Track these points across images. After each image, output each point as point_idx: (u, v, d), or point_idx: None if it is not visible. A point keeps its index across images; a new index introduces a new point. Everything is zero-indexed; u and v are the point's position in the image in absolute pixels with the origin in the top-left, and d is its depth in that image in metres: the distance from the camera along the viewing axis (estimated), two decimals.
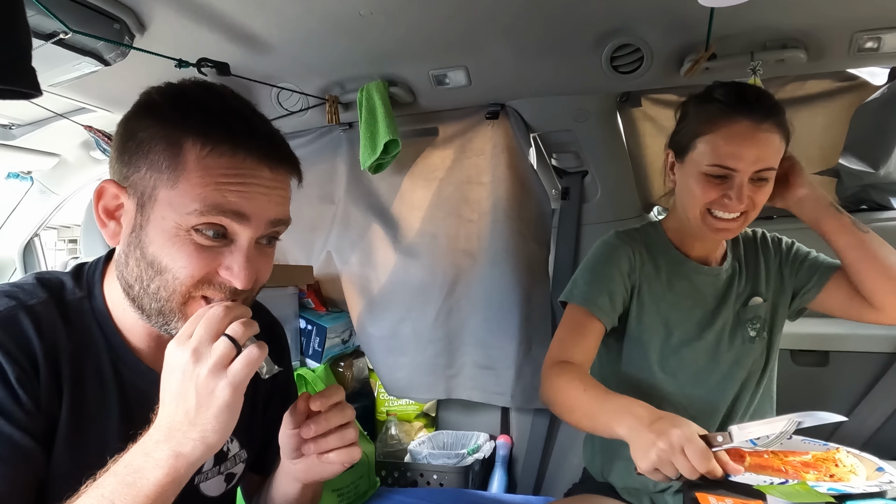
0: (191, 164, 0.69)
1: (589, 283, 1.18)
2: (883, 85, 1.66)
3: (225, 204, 0.69)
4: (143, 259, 0.71)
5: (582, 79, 1.55)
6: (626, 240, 1.23)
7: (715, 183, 1.09)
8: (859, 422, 1.61)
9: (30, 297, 0.73)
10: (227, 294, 0.72)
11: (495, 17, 1.31)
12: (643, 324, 1.19)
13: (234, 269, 0.71)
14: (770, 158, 1.07)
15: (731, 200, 1.07)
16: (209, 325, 0.64)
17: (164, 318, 0.73)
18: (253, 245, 0.73)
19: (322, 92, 1.69)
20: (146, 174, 0.70)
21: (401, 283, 1.89)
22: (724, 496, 0.76)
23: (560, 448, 1.90)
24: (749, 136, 1.05)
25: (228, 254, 0.72)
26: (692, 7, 1.04)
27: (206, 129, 0.69)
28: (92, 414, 0.73)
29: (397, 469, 1.85)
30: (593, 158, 1.79)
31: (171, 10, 1.20)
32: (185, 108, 0.71)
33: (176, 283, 0.70)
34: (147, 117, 0.72)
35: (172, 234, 0.69)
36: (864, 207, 1.78)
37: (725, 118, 1.07)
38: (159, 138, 0.70)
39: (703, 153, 1.09)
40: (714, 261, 1.24)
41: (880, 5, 1.21)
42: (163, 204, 0.69)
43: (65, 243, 7.68)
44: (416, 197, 1.87)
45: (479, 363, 1.85)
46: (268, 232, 0.75)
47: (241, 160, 0.70)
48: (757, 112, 1.05)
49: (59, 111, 1.66)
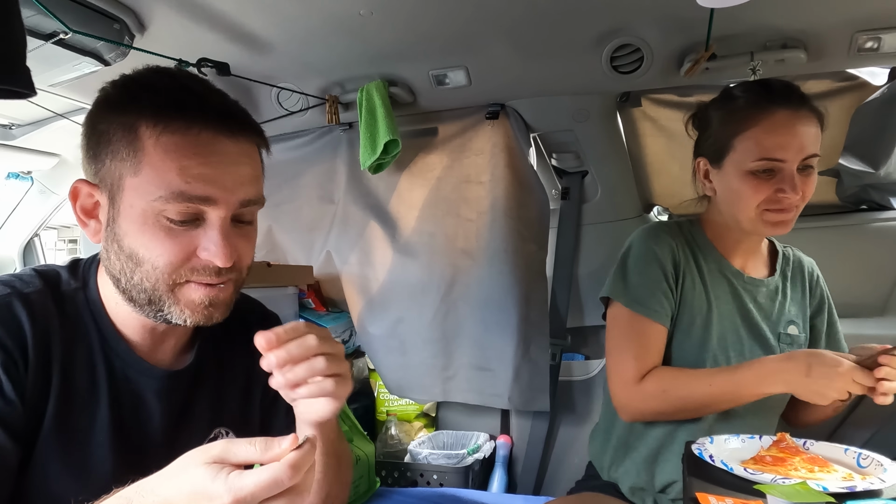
0: (149, 148, 0.69)
1: (640, 284, 1.15)
2: (883, 85, 1.65)
3: (189, 190, 0.68)
4: (121, 252, 0.71)
5: (582, 79, 1.55)
6: (670, 233, 1.19)
7: (764, 179, 1.07)
8: (859, 422, 1.60)
9: (25, 286, 0.73)
10: (213, 274, 0.72)
11: (495, 17, 1.31)
12: (681, 326, 1.17)
13: (211, 248, 0.71)
14: (813, 145, 1.06)
15: (786, 193, 1.04)
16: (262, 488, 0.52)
17: (156, 306, 0.73)
18: (227, 223, 0.72)
19: (322, 92, 1.69)
20: (111, 166, 0.71)
21: (399, 282, 1.89)
22: (724, 496, 0.76)
23: (560, 448, 1.90)
24: (790, 124, 1.05)
25: (203, 234, 0.71)
26: (692, 7, 1.04)
27: (157, 109, 0.69)
28: (80, 403, 0.73)
29: (397, 469, 1.84)
30: (593, 158, 1.79)
31: (171, 10, 1.20)
32: (135, 93, 0.71)
33: (157, 272, 0.70)
34: (103, 110, 0.72)
35: (142, 222, 0.69)
36: (864, 207, 1.78)
37: (762, 111, 1.06)
38: (116, 126, 0.70)
39: (745, 151, 1.07)
40: (754, 270, 1.22)
41: (880, 5, 1.21)
42: (129, 192, 0.70)
43: (65, 243, 7.68)
44: (415, 196, 1.87)
45: (476, 365, 1.82)
46: (240, 211, 0.74)
47: (196, 134, 0.69)
48: (793, 101, 1.06)
49: (59, 111, 1.66)
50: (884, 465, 0.82)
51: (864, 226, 1.74)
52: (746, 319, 1.19)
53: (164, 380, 0.81)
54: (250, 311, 0.99)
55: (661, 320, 1.14)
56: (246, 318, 0.94)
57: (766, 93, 1.07)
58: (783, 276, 1.23)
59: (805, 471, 0.80)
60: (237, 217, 0.75)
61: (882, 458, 0.85)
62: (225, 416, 0.89)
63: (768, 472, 0.77)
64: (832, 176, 1.78)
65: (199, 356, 0.88)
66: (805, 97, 1.08)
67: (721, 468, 0.79)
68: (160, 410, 0.81)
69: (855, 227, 1.74)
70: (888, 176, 1.70)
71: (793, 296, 1.24)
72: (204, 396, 0.87)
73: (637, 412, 1.15)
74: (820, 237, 1.73)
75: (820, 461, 0.84)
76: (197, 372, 0.86)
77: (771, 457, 0.87)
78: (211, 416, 0.87)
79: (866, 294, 1.70)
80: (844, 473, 0.80)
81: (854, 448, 0.90)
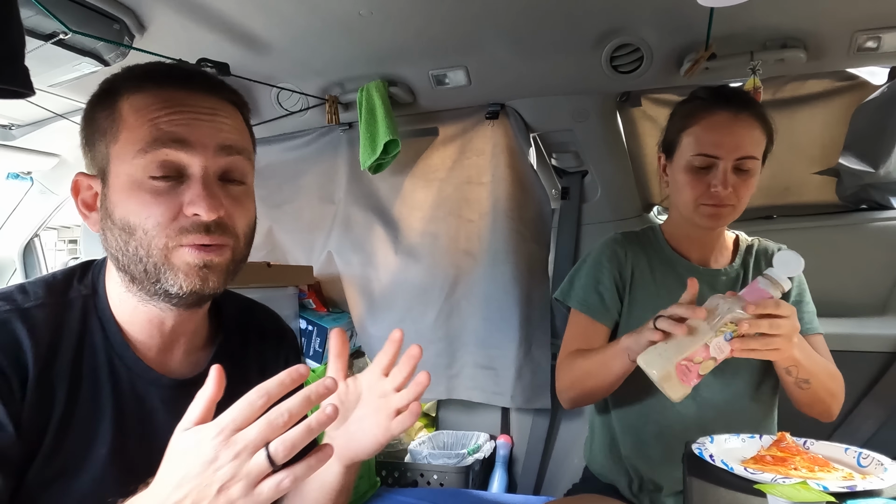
0: (125, 113, 0.71)
1: (580, 285, 1.25)
2: (883, 84, 1.65)
3: (162, 135, 0.70)
4: (115, 226, 0.71)
5: (582, 78, 1.55)
6: (620, 240, 1.27)
7: (701, 175, 1.14)
8: (859, 422, 1.60)
9: (27, 300, 0.71)
10: (202, 231, 0.70)
11: (495, 17, 1.31)
12: (633, 320, 1.21)
13: (194, 200, 0.70)
14: (750, 147, 1.12)
15: (717, 188, 1.11)
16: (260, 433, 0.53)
17: (153, 276, 0.71)
18: (210, 176, 0.72)
19: (322, 92, 1.69)
20: (100, 146, 0.73)
21: (401, 283, 1.89)
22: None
23: (560, 448, 1.90)
24: (728, 125, 1.11)
25: (186, 189, 0.71)
26: (692, 7, 1.04)
27: (132, 81, 0.73)
28: (83, 417, 0.71)
29: (397, 469, 1.84)
30: (593, 158, 1.79)
31: (170, 10, 1.20)
32: (116, 78, 0.75)
33: (148, 237, 0.70)
34: (92, 105, 0.75)
35: (129, 189, 0.70)
36: (863, 207, 1.78)
37: (705, 111, 1.14)
38: (100, 109, 0.73)
39: (687, 146, 1.15)
40: (715, 263, 1.25)
41: (880, 5, 1.21)
42: (114, 162, 0.71)
43: (65, 244, 7.68)
44: (416, 197, 1.87)
45: (479, 363, 1.85)
46: (222, 162, 0.73)
47: (167, 93, 0.72)
48: (734, 104, 1.13)
49: (59, 111, 1.66)
50: (884, 464, 0.82)
51: (864, 225, 1.74)
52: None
53: (173, 389, 0.78)
54: (267, 321, 0.97)
55: (600, 318, 1.22)
56: (263, 329, 0.93)
57: (713, 96, 1.15)
58: (744, 265, 1.26)
59: (805, 470, 0.80)
60: (224, 174, 0.74)
61: (882, 457, 0.85)
62: None
63: (768, 471, 0.77)
64: (832, 175, 1.78)
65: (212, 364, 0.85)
66: (751, 103, 1.15)
67: (721, 467, 0.79)
68: (169, 421, 0.77)
69: (855, 226, 1.74)
70: (888, 175, 1.70)
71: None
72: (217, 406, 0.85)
73: (561, 393, 1.23)
74: (820, 237, 1.73)
75: (820, 461, 0.84)
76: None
77: (771, 456, 0.87)
78: None
79: (866, 293, 1.70)
80: (845, 473, 0.80)
81: (854, 447, 0.90)
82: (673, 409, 1.14)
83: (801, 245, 1.33)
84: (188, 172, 0.71)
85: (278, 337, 0.96)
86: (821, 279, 1.32)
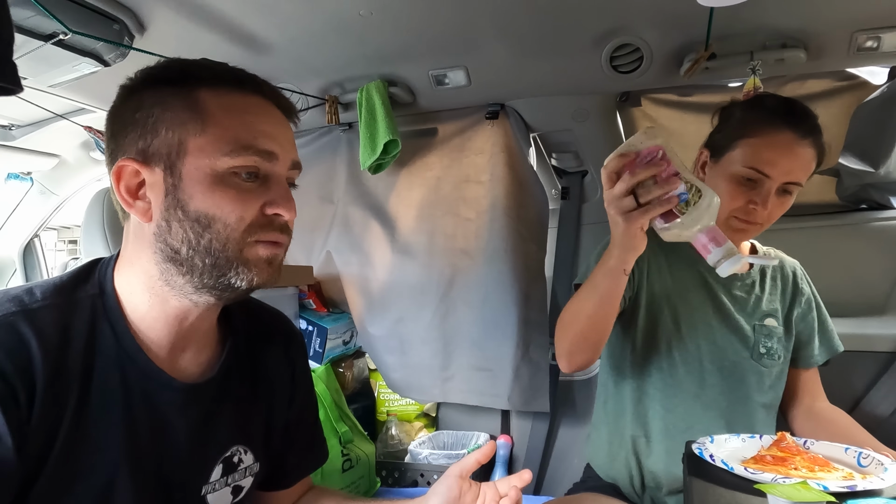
0: (212, 108, 0.72)
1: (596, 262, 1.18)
2: (883, 84, 1.65)
3: (257, 144, 0.73)
4: (186, 219, 0.71)
5: (582, 79, 1.55)
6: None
7: (745, 188, 1.11)
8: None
9: (34, 301, 0.69)
10: (278, 230, 0.75)
11: (495, 17, 1.31)
12: (652, 315, 1.20)
13: (278, 201, 0.74)
14: (800, 173, 1.10)
15: (757, 206, 1.09)
16: None
17: (219, 270, 0.72)
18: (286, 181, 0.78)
19: (322, 92, 1.69)
20: (168, 134, 0.71)
21: (399, 282, 1.88)
22: None
23: (560, 448, 1.90)
24: (789, 147, 1.09)
25: (267, 191, 0.75)
26: (692, 7, 1.04)
27: (216, 78, 0.75)
28: (94, 419, 0.70)
29: (397, 469, 1.84)
30: (593, 158, 1.79)
31: (170, 10, 1.20)
32: (186, 67, 0.76)
33: (228, 230, 0.71)
34: (149, 88, 0.74)
35: (211, 182, 0.71)
36: (863, 207, 1.78)
37: (771, 126, 1.10)
38: (172, 97, 0.72)
39: (741, 155, 1.12)
40: None
41: (880, 5, 1.21)
42: (194, 154, 0.71)
43: (65, 244, 7.69)
44: (414, 196, 1.87)
45: (475, 365, 1.82)
46: (290, 173, 0.79)
47: (249, 95, 0.76)
48: (802, 126, 1.10)
49: (59, 112, 1.67)
50: (884, 464, 0.82)
51: (864, 225, 1.74)
52: (720, 311, 1.21)
53: (186, 392, 0.78)
54: (275, 322, 0.97)
55: None
56: (271, 331, 0.93)
57: (783, 111, 1.11)
58: (761, 272, 1.26)
59: (805, 470, 0.80)
60: (288, 179, 0.79)
61: (882, 457, 0.85)
62: (245, 432, 0.86)
63: (769, 471, 0.77)
64: (832, 175, 1.78)
65: (224, 368, 0.84)
66: (816, 129, 1.11)
67: (721, 467, 0.79)
68: (180, 425, 0.77)
69: (855, 226, 1.74)
70: (888, 175, 1.70)
71: (771, 291, 1.26)
72: (227, 410, 0.83)
73: (559, 350, 1.13)
74: (820, 236, 1.73)
75: (820, 460, 0.84)
76: (221, 384, 0.83)
77: (771, 456, 0.87)
78: (232, 432, 0.84)
79: (866, 293, 1.70)
80: (845, 473, 0.80)
81: (854, 447, 0.90)
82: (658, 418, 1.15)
83: (801, 245, 1.34)
84: (267, 175, 0.75)
85: (286, 339, 0.96)
86: (821, 279, 1.33)
